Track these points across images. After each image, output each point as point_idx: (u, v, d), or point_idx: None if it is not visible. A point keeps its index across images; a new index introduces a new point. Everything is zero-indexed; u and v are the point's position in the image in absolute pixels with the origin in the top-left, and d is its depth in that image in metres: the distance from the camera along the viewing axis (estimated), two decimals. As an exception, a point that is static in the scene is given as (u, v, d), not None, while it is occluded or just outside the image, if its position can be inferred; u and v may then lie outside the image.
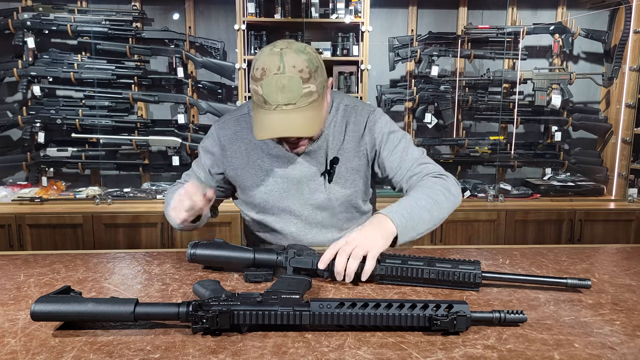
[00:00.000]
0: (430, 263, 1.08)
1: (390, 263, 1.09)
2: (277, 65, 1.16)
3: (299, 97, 1.17)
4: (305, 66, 1.17)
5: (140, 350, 0.81)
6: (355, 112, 1.40)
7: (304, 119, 1.19)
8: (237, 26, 3.00)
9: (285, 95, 1.16)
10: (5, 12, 3.08)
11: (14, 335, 0.87)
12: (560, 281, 1.07)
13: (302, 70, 1.17)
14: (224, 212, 2.94)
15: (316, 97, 1.20)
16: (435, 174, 1.36)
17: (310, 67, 1.18)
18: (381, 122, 1.40)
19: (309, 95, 1.18)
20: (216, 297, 0.89)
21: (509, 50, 3.32)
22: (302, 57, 1.18)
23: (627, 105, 3.22)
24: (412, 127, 3.43)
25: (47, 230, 2.93)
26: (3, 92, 3.28)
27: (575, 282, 1.06)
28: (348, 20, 3.06)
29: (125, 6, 3.23)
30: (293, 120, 1.18)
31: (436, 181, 1.32)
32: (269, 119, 1.18)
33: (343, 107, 1.41)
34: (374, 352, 0.81)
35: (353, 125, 1.39)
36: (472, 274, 1.06)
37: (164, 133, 3.21)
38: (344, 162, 1.38)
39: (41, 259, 1.30)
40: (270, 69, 1.16)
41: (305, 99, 1.18)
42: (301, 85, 1.16)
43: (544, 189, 3.31)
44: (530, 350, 0.82)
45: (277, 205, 1.40)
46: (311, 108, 1.20)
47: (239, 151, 1.40)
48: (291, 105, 1.17)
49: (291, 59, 1.17)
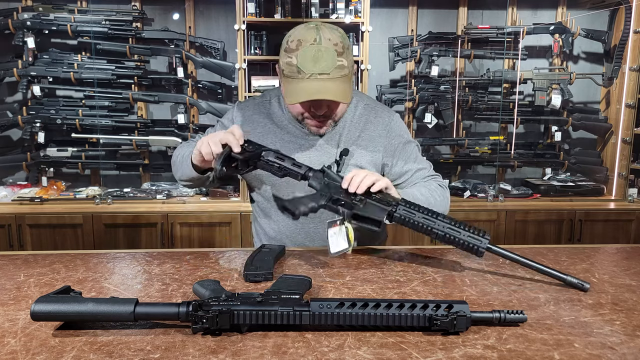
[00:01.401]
0: (442, 223, 1.14)
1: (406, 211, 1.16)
2: (313, 37, 1.22)
3: (332, 67, 1.22)
4: (339, 40, 1.24)
5: (140, 350, 0.81)
6: (375, 112, 1.45)
7: (339, 87, 1.24)
8: (237, 26, 3.00)
9: (320, 64, 1.22)
10: (5, 12, 3.08)
11: (14, 335, 0.87)
12: (560, 275, 1.08)
13: (336, 44, 1.23)
14: (224, 212, 2.97)
15: (347, 73, 1.26)
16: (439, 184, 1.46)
17: (344, 42, 1.25)
18: (400, 128, 1.47)
19: (342, 68, 1.24)
20: (216, 297, 0.89)
21: (509, 50, 3.32)
22: (337, 33, 1.25)
23: (627, 105, 3.22)
24: (412, 127, 3.43)
25: (47, 230, 2.93)
26: (3, 92, 3.28)
27: (573, 281, 1.07)
28: (348, 20, 3.06)
29: (125, 6, 3.23)
30: (328, 87, 1.23)
31: (432, 183, 1.43)
32: (303, 86, 1.23)
33: (363, 104, 1.46)
34: (374, 352, 0.81)
35: (371, 124, 1.43)
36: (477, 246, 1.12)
37: (164, 133, 3.21)
38: (355, 155, 1.40)
39: (41, 259, 1.30)
40: (307, 39, 1.22)
41: (338, 71, 1.24)
42: (335, 57, 1.23)
43: (544, 189, 3.31)
44: (530, 350, 0.82)
45: (285, 190, 1.40)
46: (343, 81, 1.25)
47: (253, 133, 1.42)
48: (325, 75, 1.22)
49: (327, 32, 1.24)
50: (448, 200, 1.44)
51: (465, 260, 1.28)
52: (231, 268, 1.23)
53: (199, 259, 1.30)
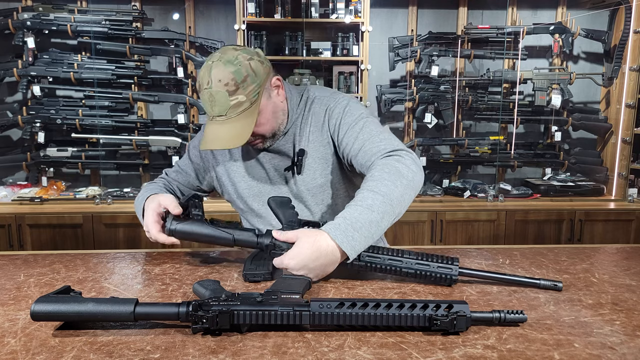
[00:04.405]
0: (408, 262, 1.10)
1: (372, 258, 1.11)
2: (206, 79, 1.22)
3: (227, 109, 1.22)
4: (230, 79, 1.21)
5: (140, 350, 0.81)
6: (320, 102, 1.40)
7: (233, 130, 1.23)
8: (237, 26, 3.00)
9: (215, 108, 1.23)
10: (5, 12, 3.08)
11: (14, 335, 0.87)
12: (533, 281, 1.09)
13: (227, 83, 1.21)
14: (224, 212, 2.97)
15: (247, 106, 1.23)
16: (386, 153, 1.22)
17: (237, 78, 1.21)
18: (339, 107, 1.36)
19: (238, 105, 1.22)
20: (216, 297, 0.89)
21: (509, 50, 3.32)
22: (230, 69, 1.21)
23: (627, 105, 3.22)
24: (412, 127, 3.43)
25: (47, 230, 2.93)
26: (3, 92, 3.28)
27: (547, 283, 1.08)
28: (348, 20, 3.06)
29: (125, 6, 3.23)
30: (221, 132, 1.23)
31: (384, 167, 1.17)
32: (207, 130, 1.25)
33: (311, 100, 1.42)
34: (374, 352, 0.81)
35: (315, 115, 1.39)
36: (449, 275, 1.08)
37: (164, 133, 3.21)
38: (310, 152, 1.38)
39: (41, 259, 1.30)
40: (202, 83, 1.24)
41: (235, 110, 1.22)
42: (228, 98, 1.21)
43: (544, 189, 3.31)
44: (530, 350, 0.82)
45: (256, 205, 1.42)
46: (243, 117, 1.23)
47: (223, 151, 1.44)
48: (223, 116, 1.23)
49: (218, 72, 1.21)
50: (407, 169, 1.17)
51: (465, 260, 1.28)
52: (231, 268, 1.23)
53: (199, 259, 1.30)
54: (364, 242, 1.08)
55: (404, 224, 3.04)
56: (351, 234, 1.06)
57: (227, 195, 1.48)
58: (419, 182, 1.20)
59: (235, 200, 1.47)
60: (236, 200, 1.46)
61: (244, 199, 1.43)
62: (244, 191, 1.42)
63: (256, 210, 1.43)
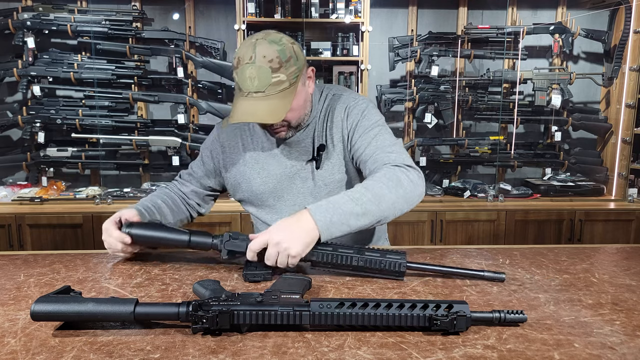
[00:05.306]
0: (359, 251, 1.13)
1: (322, 250, 1.13)
2: (249, 55, 1.22)
3: (267, 85, 1.22)
4: (275, 56, 1.22)
5: (140, 350, 0.81)
6: (339, 99, 1.43)
7: (270, 107, 1.24)
8: (237, 26, 3.00)
9: (254, 83, 1.22)
10: (5, 12, 3.08)
11: (14, 335, 0.87)
12: (478, 273, 1.13)
13: (272, 59, 1.22)
14: (224, 212, 2.97)
15: (286, 86, 1.25)
16: (394, 163, 1.27)
17: (282, 57, 1.23)
18: (358, 108, 1.39)
19: (278, 84, 1.23)
20: (216, 297, 0.89)
21: (509, 50, 3.32)
22: (274, 47, 1.23)
23: (627, 105, 3.22)
24: (412, 127, 3.43)
25: (47, 230, 2.93)
26: (3, 92, 3.28)
27: (491, 275, 1.12)
28: (348, 20, 3.06)
29: (125, 6, 3.23)
30: (258, 107, 1.23)
31: (386, 173, 1.23)
32: (240, 105, 1.24)
33: (331, 96, 1.44)
34: (374, 352, 0.81)
35: (334, 111, 1.42)
36: (398, 263, 1.11)
37: (164, 133, 3.21)
38: (329, 148, 1.40)
39: (41, 259, 1.30)
40: (243, 58, 1.23)
41: (275, 88, 1.23)
42: (270, 74, 1.22)
43: (544, 189, 3.31)
44: (530, 350, 0.82)
45: (272, 201, 1.44)
46: (280, 96, 1.24)
47: (230, 157, 1.46)
48: (260, 93, 1.23)
49: (263, 49, 1.22)
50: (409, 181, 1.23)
51: (465, 260, 1.28)
52: (231, 268, 1.23)
53: (199, 259, 1.30)
54: (339, 229, 1.14)
55: (404, 224, 3.04)
56: (330, 216, 1.13)
57: (240, 193, 1.48)
58: (417, 196, 1.26)
59: (248, 198, 1.47)
60: (249, 198, 1.46)
61: (259, 195, 1.44)
62: (259, 187, 1.43)
63: (271, 206, 1.44)
